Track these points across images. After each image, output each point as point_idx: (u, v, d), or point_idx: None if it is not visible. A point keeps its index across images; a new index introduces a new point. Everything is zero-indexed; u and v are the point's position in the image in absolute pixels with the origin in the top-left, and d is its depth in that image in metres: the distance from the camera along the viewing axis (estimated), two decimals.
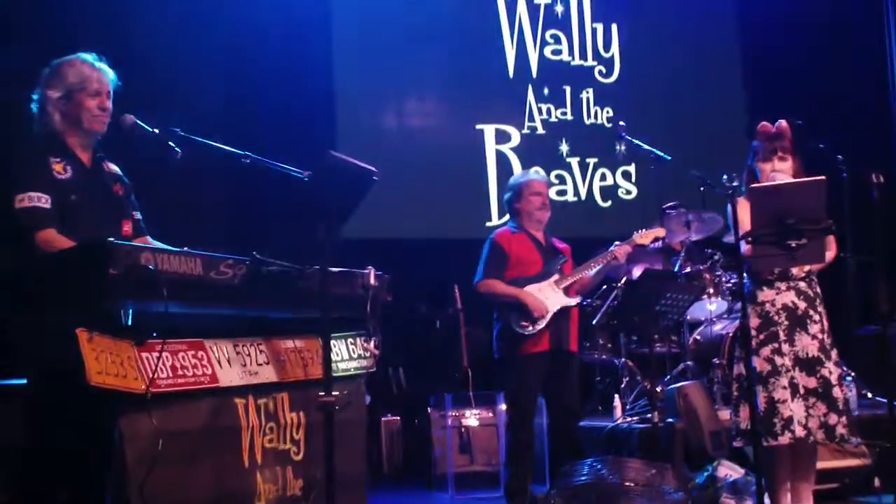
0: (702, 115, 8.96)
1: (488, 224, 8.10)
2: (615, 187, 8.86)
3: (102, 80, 3.83)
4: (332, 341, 3.64)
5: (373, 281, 3.78)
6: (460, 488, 6.61)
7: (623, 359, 7.36)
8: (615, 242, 5.75)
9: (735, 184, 4.63)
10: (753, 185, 4.50)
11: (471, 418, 6.90)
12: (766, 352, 4.56)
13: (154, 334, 3.10)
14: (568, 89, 8.83)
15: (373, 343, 3.86)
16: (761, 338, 4.58)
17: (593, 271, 5.72)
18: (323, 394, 3.30)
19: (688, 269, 7.04)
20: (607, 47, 9.02)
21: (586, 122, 8.85)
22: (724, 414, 6.19)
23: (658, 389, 6.33)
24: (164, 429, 3.04)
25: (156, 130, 3.64)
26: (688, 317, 6.83)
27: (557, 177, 8.64)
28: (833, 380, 4.55)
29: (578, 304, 5.76)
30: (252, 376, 3.44)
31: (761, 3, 9.22)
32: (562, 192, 8.63)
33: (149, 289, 2.99)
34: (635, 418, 6.44)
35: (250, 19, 7.46)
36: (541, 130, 8.68)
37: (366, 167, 3.50)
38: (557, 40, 8.86)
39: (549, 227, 5.89)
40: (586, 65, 8.94)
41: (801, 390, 4.52)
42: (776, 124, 4.75)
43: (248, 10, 7.42)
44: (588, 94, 8.88)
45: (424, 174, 8.19)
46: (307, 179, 3.46)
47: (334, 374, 3.49)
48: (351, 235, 6.69)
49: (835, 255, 4.70)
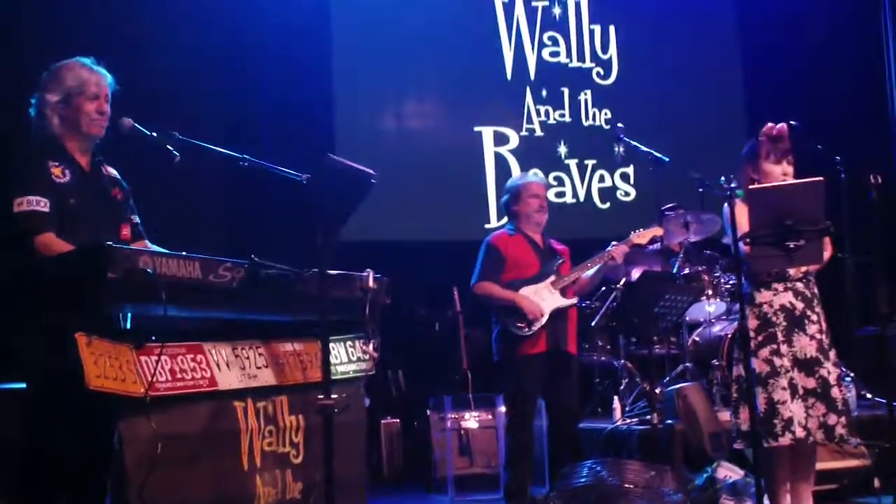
0: (700, 117, 8.95)
1: (487, 226, 8.09)
2: (614, 189, 8.86)
3: (101, 83, 3.83)
4: (331, 344, 3.65)
5: (371, 283, 3.78)
6: (460, 491, 6.60)
7: (622, 360, 7.36)
8: (612, 243, 5.75)
9: (733, 185, 4.62)
10: (752, 187, 4.50)
11: (470, 420, 6.89)
12: (765, 353, 4.56)
13: (153, 338, 3.10)
14: (566, 91, 8.82)
15: (372, 346, 3.86)
16: (760, 339, 4.58)
17: (590, 272, 5.72)
18: (322, 397, 3.30)
19: (686, 271, 7.03)
20: (605, 49, 9.03)
21: (584, 123, 8.84)
22: (724, 415, 6.19)
23: (657, 391, 6.32)
24: (164, 432, 3.04)
25: (154, 134, 3.64)
26: (687, 318, 6.82)
27: (556, 178, 8.64)
28: (832, 380, 4.55)
29: (575, 304, 5.76)
30: (251, 379, 3.44)
31: (760, 5, 9.23)
32: (560, 194, 8.63)
33: (147, 292, 2.99)
34: (634, 420, 6.44)
35: (249, 22, 7.46)
36: (539, 132, 8.68)
37: (364, 170, 3.50)
38: (555, 42, 8.86)
39: (548, 229, 5.89)
40: (584, 66, 8.94)
41: (801, 391, 4.52)
42: (778, 126, 4.74)
43: (246, 13, 7.42)
44: (586, 96, 8.88)
45: (423, 176, 8.18)
46: (305, 182, 3.46)
47: (333, 377, 3.49)
48: (350, 238, 6.70)
49: (831, 255, 4.71)
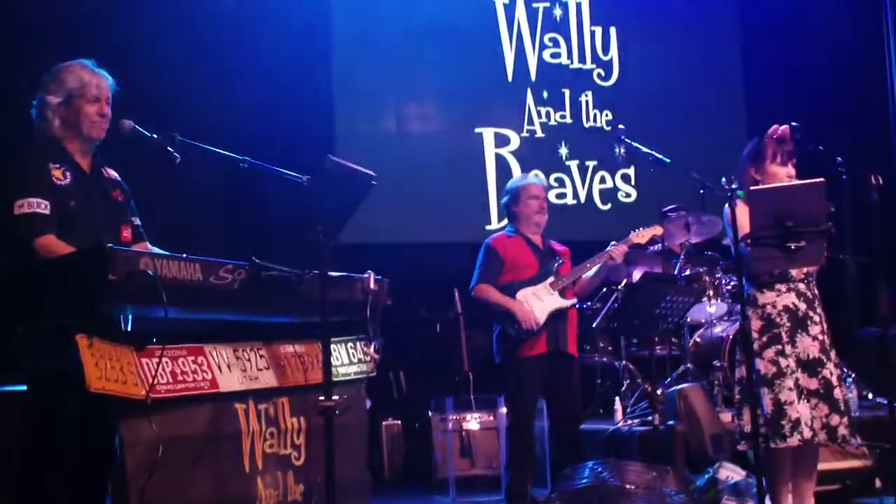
0: (701, 118, 8.95)
1: (488, 227, 8.09)
2: (615, 190, 8.86)
3: (102, 85, 3.83)
4: (332, 346, 3.65)
5: (372, 285, 3.78)
6: (461, 492, 6.60)
7: (623, 361, 7.36)
8: (612, 243, 5.75)
9: (734, 186, 4.62)
10: (753, 188, 4.50)
11: (472, 422, 6.89)
12: (770, 354, 4.54)
13: (154, 340, 3.10)
14: (567, 92, 8.82)
15: (373, 347, 3.86)
16: (764, 340, 4.57)
17: (590, 272, 5.72)
18: (323, 398, 3.30)
19: (687, 272, 7.03)
20: (606, 50, 9.02)
21: (585, 125, 8.84)
22: (725, 416, 6.19)
23: (658, 392, 6.32)
24: (165, 434, 3.04)
25: (154, 135, 3.64)
26: (688, 319, 6.82)
27: (557, 180, 8.64)
28: (834, 381, 4.55)
29: (575, 305, 5.75)
30: (252, 381, 3.44)
31: (761, 6, 9.23)
32: (561, 196, 8.63)
33: (148, 294, 2.99)
34: (636, 421, 6.44)
35: (249, 24, 7.47)
36: (540, 134, 8.68)
37: (365, 171, 3.50)
38: (556, 43, 8.86)
39: (549, 230, 5.88)
40: (585, 68, 8.94)
41: (804, 392, 4.52)
42: (781, 128, 4.74)
43: (247, 14, 7.43)
44: (587, 98, 8.87)
45: (423, 178, 8.18)
46: (306, 184, 3.46)
47: (334, 379, 3.49)
48: (350, 240, 6.69)
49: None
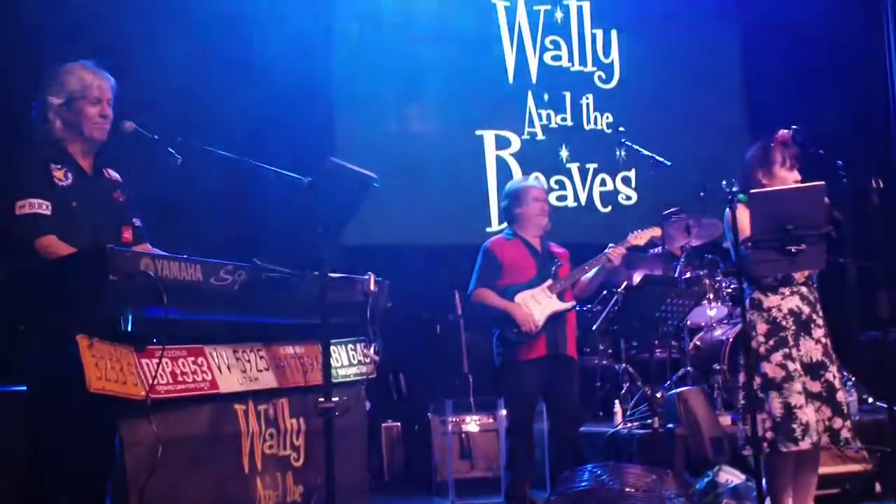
0: (702, 121, 8.95)
1: (488, 230, 8.09)
2: (615, 193, 8.86)
3: (103, 87, 3.83)
4: (332, 347, 3.64)
5: (373, 287, 3.78)
6: (461, 494, 6.60)
7: (623, 364, 7.36)
8: (610, 245, 5.76)
9: (735, 189, 4.62)
10: (753, 191, 4.50)
11: (471, 424, 6.89)
12: (778, 357, 4.53)
13: (154, 340, 3.10)
14: (568, 95, 8.83)
15: (373, 349, 3.86)
16: (771, 344, 4.55)
17: (588, 275, 5.73)
18: (323, 400, 3.30)
19: (688, 275, 7.03)
20: (607, 53, 9.03)
21: (586, 127, 8.84)
22: (725, 419, 6.20)
23: (658, 395, 6.32)
24: (165, 435, 3.04)
25: (155, 136, 3.64)
26: (688, 322, 6.82)
27: (557, 182, 8.64)
28: (837, 384, 4.55)
29: (573, 307, 5.75)
30: (252, 382, 3.44)
31: (761, 9, 9.23)
32: (562, 198, 8.63)
33: (149, 295, 3.00)
34: (636, 424, 6.44)
35: (251, 25, 7.47)
36: (541, 136, 8.69)
37: (366, 173, 3.50)
38: (557, 46, 8.86)
39: (549, 233, 5.89)
40: (586, 70, 8.95)
41: (809, 395, 4.51)
42: (783, 132, 4.75)
43: (247, 16, 7.43)
44: (588, 100, 8.88)
45: (424, 180, 8.18)
46: (307, 185, 3.46)
47: (334, 380, 3.49)
48: (351, 241, 6.71)
49: None
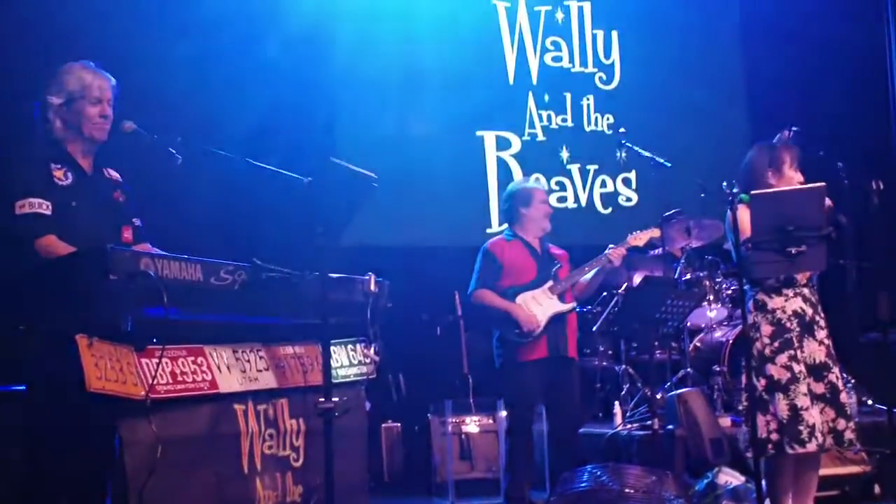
0: (703, 122, 8.95)
1: (489, 231, 8.09)
2: (615, 194, 8.85)
3: (103, 87, 3.83)
4: (332, 347, 3.64)
5: (373, 287, 3.78)
6: (461, 495, 6.59)
7: (623, 365, 7.36)
8: (609, 246, 5.76)
9: (735, 190, 4.62)
10: (754, 192, 4.49)
11: (471, 425, 6.89)
12: (783, 359, 4.52)
13: (154, 340, 3.10)
14: (568, 96, 8.83)
15: (373, 349, 3.86)
16: (776, 346, 4.54)
17: (588, 276, 5.73)
18: (323, 400, 3.30)
19: (688, 276, 7.03)
20: (608, 54, 9.03)
21: (587, 128, 8.84)
22: (725, 421, 6.20)
23: (658, 396, 6.33)
24: (164, 435, 3.04)
25: (155, 136, 3.64)
26: (688, 324, 6.82)
27: (558, 183, 8.64)
28: (840, 385, 4.55)
29: (574, 308, 5.75)
30: (252, 382, 3.44)
31: (762, 11, 9.23)
32: (562, 199, 8.62)
33: (149, 295, 3.00)
34: (635, 425, 6.44)
35: (252, 26, 7.46)
36: (541, 137, 8.68)
37: (366, 173, 3.51)
38: (558, 47, 8.86)
39: (549, 234, 5.89)
40: (587, 71, 8.94)
41: (814, 396, 4.51)
42: (786, 134, 4.75)
43: (249, 17, 7.43)
44: (588, 101, 8.87)
45: (424, 181, 8.18)
46: (307, 185, 3.46)
47: (334, 381, 3.49)
48: (352, 242, 6.71)
49: None
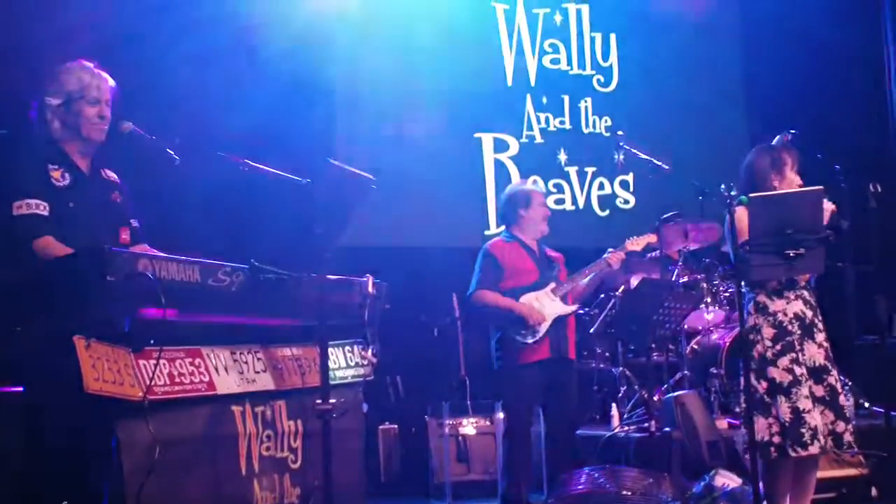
0: (701, 125, 8.96)
1: (486, 232, 8.08)
2: (613, 196, 8.86)
3: (102, 87, 3.83)
4: (330, 349, 3.64)
5: (371, 289, 3.79)
6: (458, 497, 6.59)
7: (620, 367, 7.36)
8: (609, 250, 5.77)
9: (733, 193, 4.62)
10: (753, 195, 4.49)
11: (468, 427, 6.89)
12: (785, 362, 4.51)
13: (151, 341, 3.10)
14: (566, 98, 8.83)
15: (371, 351, 3.86)
16: (778, 348, 4.53)
17: (587, 279, 5.73)
18: (320, 402, 3.30)
19: (685, 278, 7.04)
20: (606, 56, 9.03)
21: (584, 131, 8.84)
22: (722, 423, 6.20)
23: (655, 398, 6.33)
24: (162, 436, 3.04)
25: (154, 137, 3.64)
26: (685, 326, 6.82)
27: (555, 186, 8.63)
28: (839, 387, 4.55)
29: (576, 311, 5.76)
30: (249, 384, 3.44)
31: (760, 12, 9.24)
32: (560, 201, 8.62)
33: (146, 296, 2.99)
34: (632, 427, 6.44)
35: (251, 27, 7.46)
36: (539, 139, 8.68)
37: (364, 175, 3.51)
38: (556, 49, 8.86)
39: (548, 235, 5.89)
40: (585, 74, 8.95)
41: (815, 399, 4.51)
42: (785, 136, 4.76)
43: (247, 17, 7.42)
44: (586, 104, 8.88)
45: (422, 182, 8.17)
46: (306, 187, 3.46)
47: (332, 382, 3.49)
48: (349, 243, 6.70)
49: None
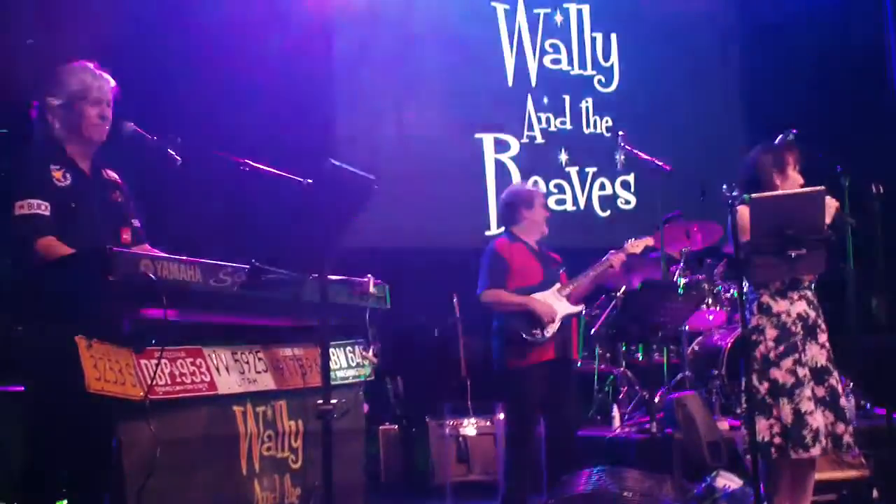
0: (701, 125, 8.97)
1: (487, 233, 8.09)
2: (614, 197, 8.87)
3: (103, 88, 3.83)
4: (331, 349, 3.64)
5: (372, 289, 3.78)
6: (458, 498, 6.59)
7: (621, 368, 7.36)
8: (610, 252, 5.77)
9: (735, 193, 4.62)
10: (754, 195, 4.49)
11: (468, 427, 6.89)
12: (788, 363, 4.51)
13: (153, 341, 3.10)
14: (567, 98, 8.84)
15: (371, 351, 3.86)
16: (781, 349, 4.53)
17: (590, 279, 5.74)
18: (321, 402, 3.30)
19: (686, 279, 7.03)
20: (607, 57, 9.04)
21: (585, 131, 8.85)
22: (723, 424, 6.19)
23: (656, 399, 6.32)
24: (163, 436, 3.04)
25: (155, 137, 3.64)
26: (686, 327, 6.82)
27: (556, 186, 8.64)
28: (840, 389, 4.55)
29: (582, 311, 5.77)
30: (250, 384, 3.44)
31: (761, 13, 9.24)
32: (561, 202, 8.63)
33: (148, 296, 2.99)
34: (634, 428, 6.43)
35: (251, 27, 7.46)
36: (540, 140, 8.69)
37: (365, 176, 3.50)
38: (557, 49, 8.87)
39: (549, 236, 5.89)
40: (586, 74, 8.96)
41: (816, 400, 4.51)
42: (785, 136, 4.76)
43: (248, 19, 7.43)
44: (587, 104, 8.89)
45: (423, 183, 8.18)
46: (307, 187, 3.46)
47: (333, 383, 3.49)
48: (350, 244, 6.68)
49: None
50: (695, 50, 9.19)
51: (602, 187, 8.84)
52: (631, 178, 8.84)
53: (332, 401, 3.31)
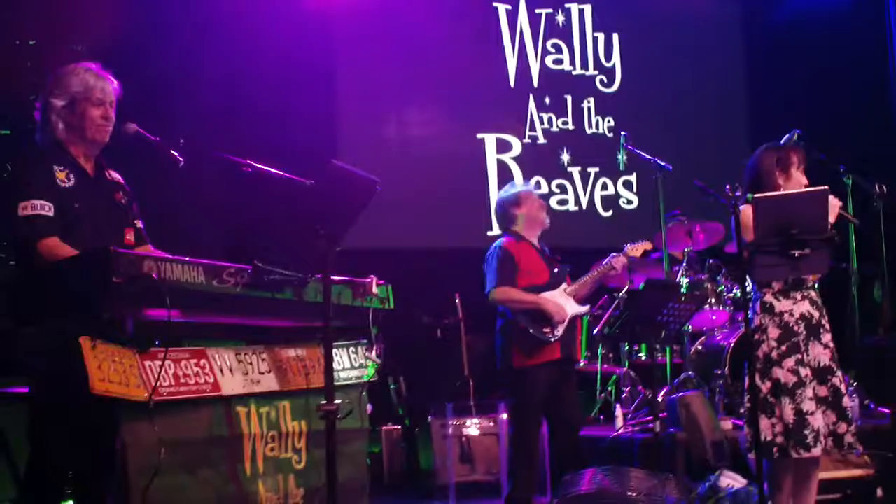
0: (704, 124, 8.97)
1: (489, 233, 8.08)
2: (616, 197, 8.87)
3: (106, 89, 3.82)
4: (334, 350, 3.64)
5: (374, 290, 3.78)
6: (461, 498, 6.59)
7: (625, 368, 7.35)
8: (612, 254, 5.76)
9: (738, 193, 4.62)
10: (757, 195, 4.49)
11: (471, 427, 6.88)
12: (791, 363, 4.51)
13: (156, 342, 3.10)
14: (569, 98, 8.84)
15: (374, 352, 3.86)
16: (783, 349, 4.53)
17: (594, 280, 5.73)
18: (325, 402, 3.30)
19: (689, 279, 7.03)
20: (608, 57, 9.04)
21: (587, 131, 8.85)
22: (727, 424, 6.19)
23: (660, 399, 6.32)
24: (166, 437, 3.04)
25: (158, 139, 3.64)
26: (689, 327, 6.82)
27: (558, 186, 8.64)
28: (843, 388, 4.55)
29: (589, 311, 5.78)
30: (254, 385, 3.44)
31: (763, 12, 9.24)
32: (563, 202, 8.63)
33: (151, 297, 3.00)
34: (637, 428, 6.43)
35: (252, 29, 7.47)
36: (542, 140, 8.69)
37: (368, 176, 3.50)
38: (559, 50, 8.87)
39: (550, 236, 5.89)
40: (588, 74, 8.96)
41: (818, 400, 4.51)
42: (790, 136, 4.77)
43: (249, 19, 7.43)
44: (589, 104, 8.89)
45: (425, 183, 8.18)
46: (310, 188, 3.46)
47: (336, 383, 3.49)
48: (353, 244, 6.68)
49: None
50: (697, 49, 9.19)
51: (604, 187, 8.84)
52: (633, 177, 8.84)
53: (336, 401, 3.31)
